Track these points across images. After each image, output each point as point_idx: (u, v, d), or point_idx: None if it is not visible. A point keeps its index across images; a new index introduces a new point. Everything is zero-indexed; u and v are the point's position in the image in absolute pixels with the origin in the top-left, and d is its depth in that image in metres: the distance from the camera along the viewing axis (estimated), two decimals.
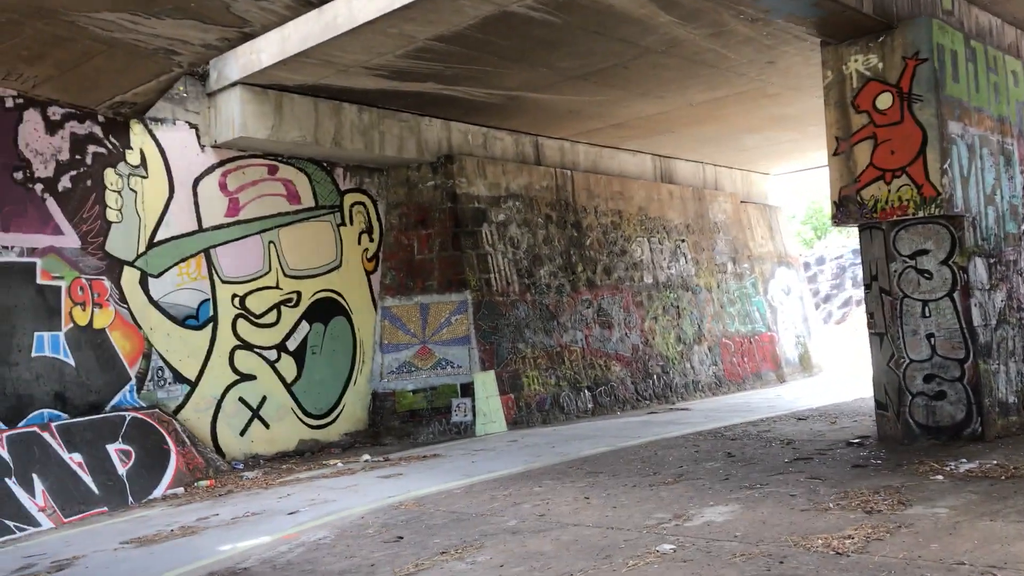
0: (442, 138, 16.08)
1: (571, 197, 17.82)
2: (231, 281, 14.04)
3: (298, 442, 14.50)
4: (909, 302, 10.56)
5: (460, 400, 15.24)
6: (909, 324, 10.55)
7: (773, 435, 12.42)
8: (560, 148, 18.17)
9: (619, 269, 18.49)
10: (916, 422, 10.52)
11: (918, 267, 10.53)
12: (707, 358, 19.67)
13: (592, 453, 12.07)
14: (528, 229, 16.86)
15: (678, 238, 20.04)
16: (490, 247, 16.09)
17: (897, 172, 10.47)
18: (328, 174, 15.37)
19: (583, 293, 17.57)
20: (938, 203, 10.21)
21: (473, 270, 15.68)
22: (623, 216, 18.83)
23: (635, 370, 18.05)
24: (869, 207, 10.64)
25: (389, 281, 15.81)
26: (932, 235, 10.50)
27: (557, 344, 16.75)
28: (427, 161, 15.91)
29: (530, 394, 15.94)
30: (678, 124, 17.59)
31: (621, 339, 18.02)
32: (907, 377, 10.56)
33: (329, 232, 15.32)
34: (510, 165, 16.81)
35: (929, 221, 10.49)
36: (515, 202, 16.73)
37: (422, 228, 15.86)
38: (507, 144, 17.12)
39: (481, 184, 16.21)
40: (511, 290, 16.22)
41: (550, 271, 17.04)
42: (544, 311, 16.73)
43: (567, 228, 17.61)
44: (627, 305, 18.38)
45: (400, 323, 15.64)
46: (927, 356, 10.48)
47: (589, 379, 17.09)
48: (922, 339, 10.50)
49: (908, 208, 10.39)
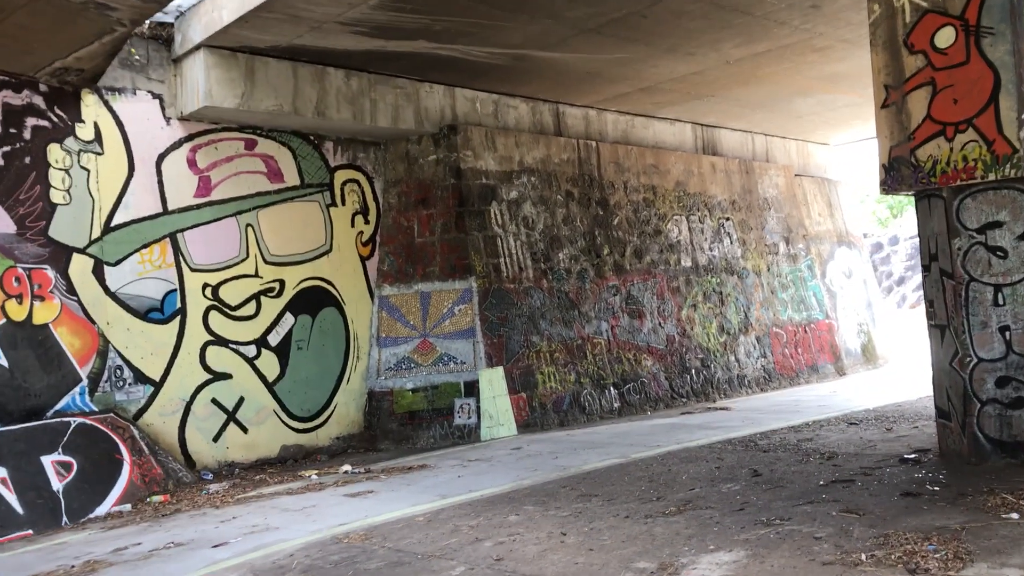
0: (445, 106, 14.32)
1: (596, 171, 15.92)
2: (202, 269, 12.52)
3: (280, 448, 12.94)
4: (977, 287, 8.49)
5: (463, 400, 13.52)
6: (977, 314, 8.48)
7: (814, 446, 10.46)
8: (584, 117, 16.27)
9: (652, 251, 16.54)
10: (986, 436, 8.47)
11: (989, 243, 8.45)
12: (755, 350, 17.61)
13: (597, 467, 10.28)
14: (545, 207, 15.02)
15: (722, 216, 17.98)
16: (500, 228, 14.30)
17: (961, 125, 8.40)
18: (316, 149, 13.74)
19: (609, 279, 15.68)
20: (1015, 162, 8.13)
21: (479, 254, 13.92)
22: (657, 192, 16.86)
23: (670, 364, 16.11)
24: (926, 170, 8.60)
25: (387, 267, 14.14)
26: (1007, 203, 8.41)
27: (578, 336, 14.91)
28: (428, 133, 14.18)
29: (545, 393, 14.14)
30: (716, 87, 15.55)
31: (654, 330, 16.09)
32: (974, 380, 8.50)
33: (317, 213, 13.70)
34: (525, 136, 14.98)
35: (1003, 186, 8.41)
36: (530, 177, 14.90)
37: (423, 208, 14.14)
38: (522, 113, 15.29)
39: (490, 158, 14.42)
40: (524, 276, 14.41)
41: (571, 254, 15.19)
42: (563, 299, 14.89)
43: (591, 206, 15.72)
44: (661, 291, 16.43)
45: (399, 314, 13.97)
46: (1001, 354, 8.42)
47: (616, 375, 15.22)
48: (994, 333, 8.44)
49: (976, 170, 8.32)
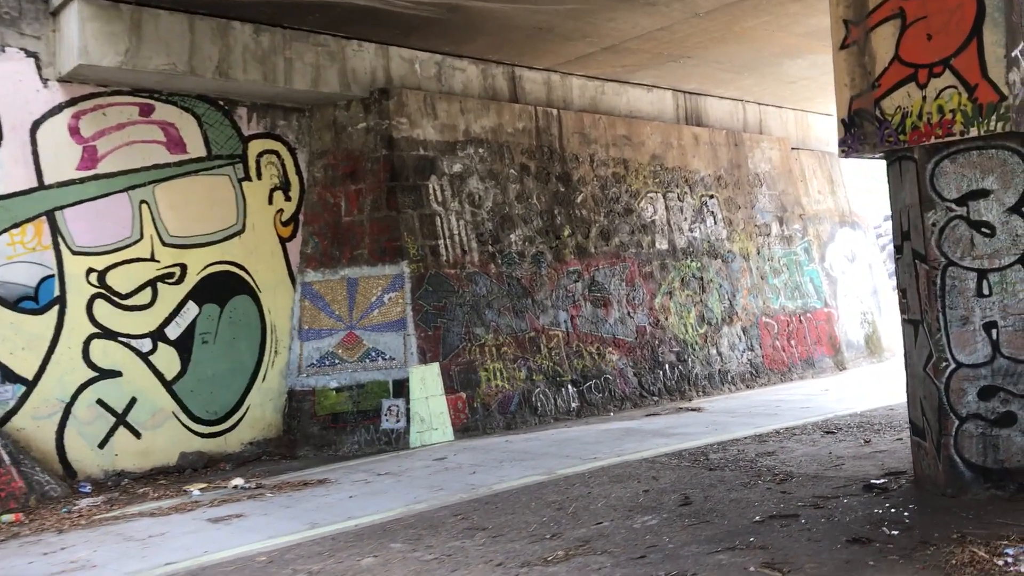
0: (377, 67, 12.65)
1: (558, 142, 14.19)
2: (86, 252, 10.99)
3: (179, 456, 11.40)
4: (957, 273, 6.72)
5: (392, 401, 11.91)
6: (956, 307, 6.71)
7: (772, 462, 8.75)
8: (546, 82, 14.54)
9: (622, 233, 14.79)
10: (966, 460, 6.71)
11: (971, 217, 6.68)
12: (740, 342, 15.82)
13: (511, 486, 8.65)
14: (495, 183, 13.33)
15: (705, 193, 16.18)
16: (439, 206, 12.63)
17: (936, 68, 6.63)
18: (226, 115, 12.13)
19: (570, 263, 13.97)
20: (1002, 113, 6.34)
21: (414, 235, 12.27)
22: (629, 166, 15.09)
23: (639, 359, 14.39)
24: (894, 125, 6.83)
25: (311, 250, 12.53)
26: (995, 167, 6.64)
27: (531, 328, 13.23)
28: (357, 97, 12.54)
29: (489, 392, 12.49)
30: (690, 46, 13.75)
31: (621, 320, 14.36)
32: (952, 390, 6.74)
33: (227, 188, 12.10)
34: (472, 102, 13.28)
35: (990, 144, 6.64)
36: (478, 149, 13.21)
37: (351, 183, 12.51)
38: (471, 76, 13.59)
39: (429, 126, 12.74)
40: (468, 260, 12.75)
41: (525, 236, 13.49)
42: (515, 286, 13.21)
43: (551, 182, 14.00)
44: (631, 277, 14.69)
45: (323, 303, 12.37)
46: (985, 357, 6.66)
47: (575, 371, 13.53)
48: (977, 331, 6.67)
49: (954, 124, 6.54)
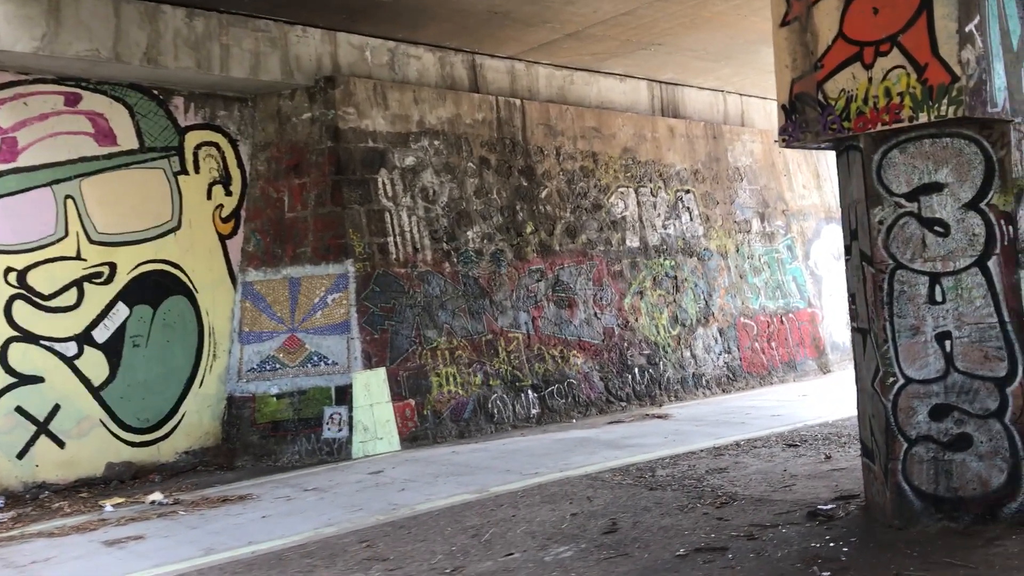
0: (323, 55, 11.94)
1: (521, 134, 13.46)
2: (4, 250, 10.38)
3: (105, 466, 10.73)
4: (906, 276, 5.98)
5: (334, 409, 11.22)
6: (906, 315, 5.97)
7: (720, 481, 8.03)
8: (509, 71, 13.80)
9: (589, 229, 14.05)
10: (915, 488, 5.97)
11: (923, 215, 5.93)
12: (716, 344, 15.06)
13: (435, 507, 7.96)
14: (452, 177, 12.61)
15: (680, 188, 15.41)
16: (389, 201, 11.92)
17: (883, 45, 5.88)
18: (161, 105, 11.45)
19: (533, 261, 13.25)
20: (954, 96, 5.59)
21: (360, 232, 11.57)
22: (599, 160, 14.35)
23: (607, 362, 13.65)
24: (838, 111, 6.07)
25: (253, 248, 11.84)
26: (950, 157, 5.89)
27: (489, 330, 12.51)
28: (302, 86, 11.84)
29: (441, 399, 11.79)
30: (659, 32, 13.00)
31: (588, 321, 13.63)
32: (900, 409, 5.99)
33: (161, 183, 11.43)
34: (427, 92, 12.56)
35: (944, 132, 5.89)
36: (433, 141, 12.49)
37: (295, 176, 11.81)
38: (427, 64, 12.86)
39: (379, 116, 12.03)
40: (420, 259, 12.04)
41: (483, 233, 12.77)
42: (471, 286, 12.50)
43: (512, 176, 13.27)
44: (599, 276, 13.95)
45: (265, 304, 11.68)
46: (938, 372, 5.91)
47: (535, 376, 12.81)
48: (929, 342, 5.92)
49: (902, 109, 5.79)
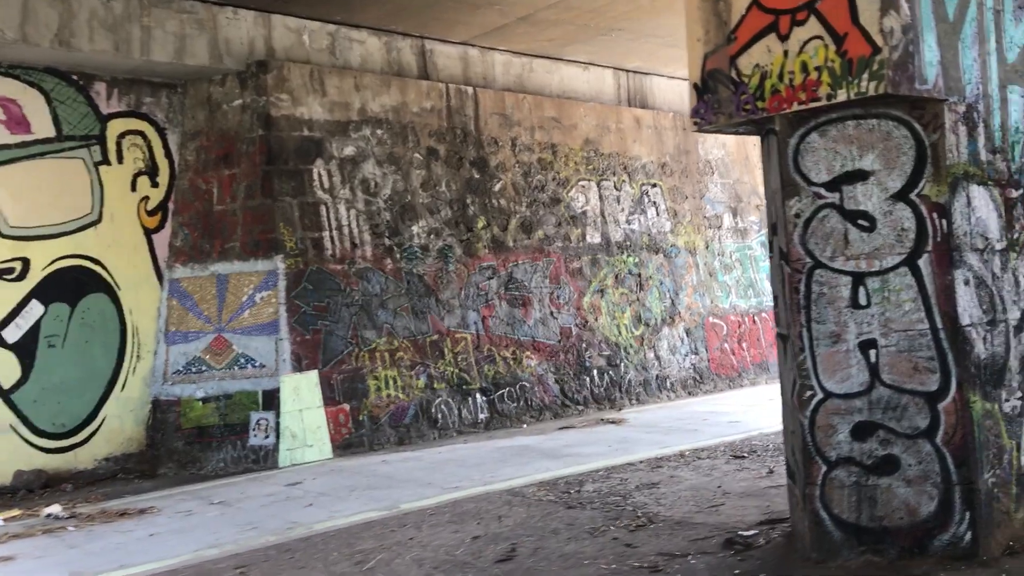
0: (256, 38, 11.26)
1: (473, 124, 12.75)
2: None
3: (14, 474, 10.08)
4: (826, 276, 5.26)
5: (261, 415, 10.55)
6: (825, 320, 5.25)
7: (646, 499, 7.35)
8: (462, 57, 13.09)
9: (547, 224, 13.34)
10: (835, 517, 5.26)
11: (846, 206, 5.22)
12: (682, 345, 14.34)
13: (331, 527, 7.31)
14: (396, 168, 11.92)
15: (646, 181, 14.68)
16: (326, 193, 11.24)
17: (800, 14, 5.17)
18: (80, 91, 10.78)
19: (484, 258, 12.55)
20: (875, 70, 4.87)
21: (292, 226, 10.89)
22: (558, 152, 13.63)
23: (563, 364, 12.95)
24: (752, 89, 5.35)
25: (180, 242, 11.18)
26: (877, 141, 5.18)
27: (434, 330, 11.82)
28: (232, 71, 11.15)
29: (380, 403, 11.11)
30: (617, 16, 12.30)
31: (543, 321, 12.93)
32: (818, 427, 5.28)
33: (80, 173, 10.76)
34: (370, 78, 11.87)
35: (870, 113, 5.18)
36: (376, 130, 11.79)
37: (224, 167, 11.14)
38: (371, 49, 12.17)
39: (316, 104, 11.33)
40: (359, 254, 11.35)
41: (430, 228, 12.08)
42: (416, 284, 11.80)
43: (463, 167, 12.56)
44: (556, 274, 13.24)
45: (191, 302, 11.01)
46: (862, 386, 5.20)
47: (485, 379, 12.12)
48: (851, 351, 5.21)
49: (820, 86, 5.07)
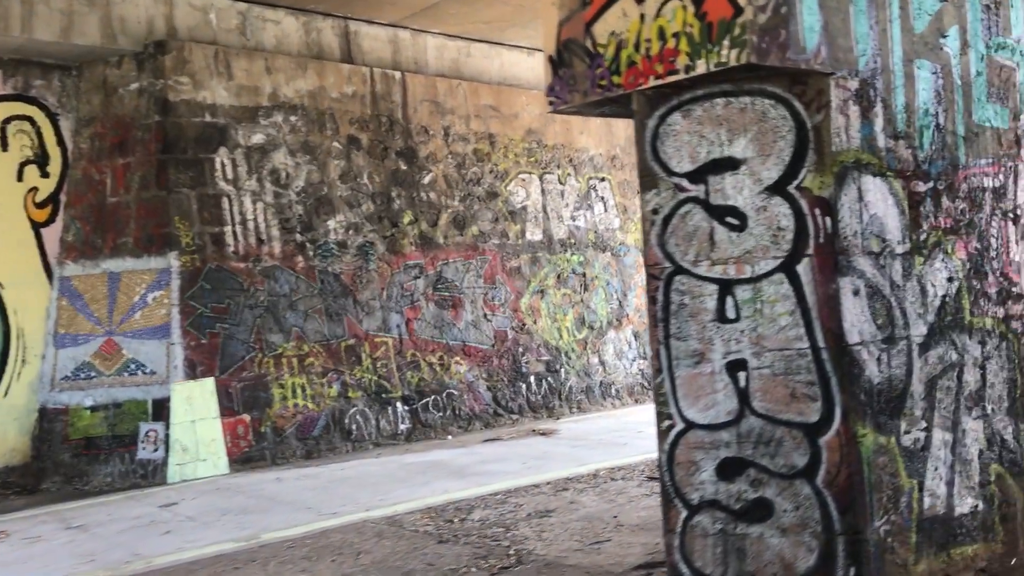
0: (156, 16, 10.39)
1: (401, 112, 11.89)
2: None
3: None
4: (688, 284, 4.41)
5: (151, 426, 9.71)
6: (687, 335, 4.41)
7: (529, 532, 6.53)
8: (392, 40, 12.22)
9: (482, 220, 12.48)
10: (697, 571, 4.40)
11: (712, 201, 4.37)
12: (630, 349, 13.48)
13: (169, 563, 6.51)
14: (311, 158, 11.06)
15: (594, 175, 13.80)
16: (229, 184, 10.38)
17: None
18: None
19: (410, 256, 11.69)
20: (736, 36, 4.02)
21: (189, 220, 10.04)
22: (496, 143, 12.76)
23: (497, 369, 12.10)
24: (607, 61, 4.49)
25: (72, 238, 10.34)
26: (749, 123, 4.33)
27: (350, 334, 10.97)
28: (129, 52, 10.29)
29: (285, 414, 10.26)
30: None
31: (476, 323, 12.07)
32: (678, 464, 4.44)
33: None
34: (284, 61, 11.01)
35: (741, 89, 4.33)
36: (289, 116, 10.93)
37: (119, 156, 10.29)
38: (288, 30, 11.30)
39: (221, 88, 10.47)
40: (266, 251, 10.49)
41: (349, 223, 11.22)
42: (331, 284, 10.95)
43: (389, 158, 11.70)
44: (492, 273, 12.38)
45: (82, 302, 10.17)
46: (729, 415, 4.36)
47: (407, 386, 11.27)
48: (717, 374, 4.35)
49: (678, 56, 4.20)
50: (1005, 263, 5.16)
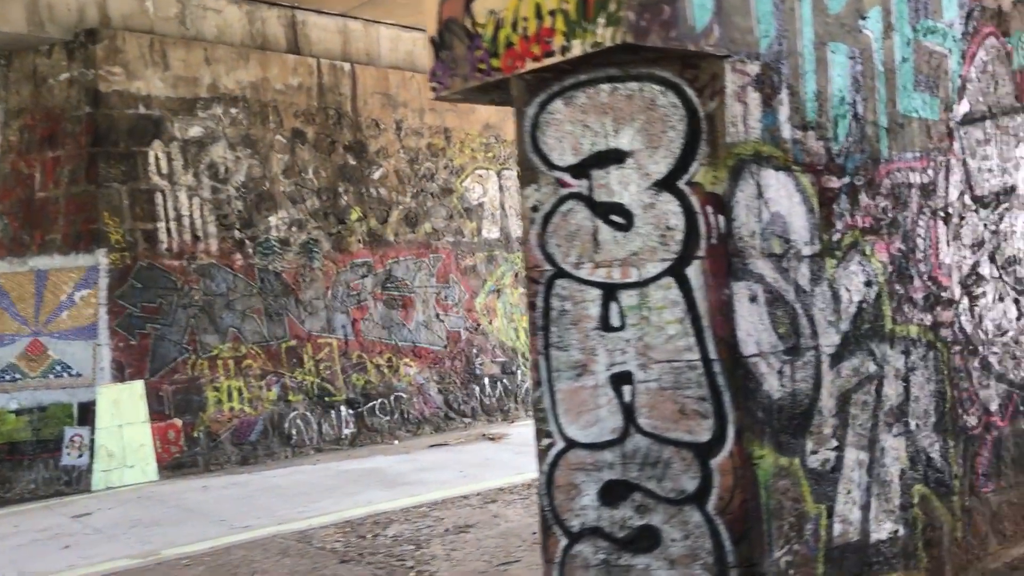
0: (88, 3, 9.98)
1: (350, 105, 11.47)
2: None
3: None
4: (569, 289, 4.01)
5: (76, 430, 9.31)
6: (567, 346, 4.01)
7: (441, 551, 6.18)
8: (342, 31, 11.80)
9: (436, 217, 12.06)
10: None
11: (595, 197, 3.97)
12: None
13: None
14: (253, 152, 10.64)
15: None
16: (163, 179, 9.97)
17: None
18: None
19: (358, 254, 11.28)
20: (612, 12, 3.62)
21: (120, 216, 9.63)
22: (452, 137, 12.35)
23: (449, 372, 11.69)
24: (486, 42, 4.07)
25: (0, 234, 9.90)
26: (636, 111, 3.93)
27: (292, 335, 10.56)
28: (59, 40, 9.86)
29: (220, 418, 9.86)
30: None
31: (427, 324, 11.66)
32: (558, 486, 4.03)
33: None
34: (224, 51, 10.58)
35: (629, 75, 3.92)
36: (230, 108, 10.52)
37: (49, 149, 9.87)
38: (230, 19, 10.88)
39: (156, 78, 10.06)
40: (202, 249, 10.08)
41: (292, 219, 10.81)
42: (271, 282, 10.54)
43: (336, 152, 11.29)
44: (445, 272, 11.97)
45: (8, 301, 9.77)
46: (614, 432, 3.96)
47: (352, 389, 10.86)
48: (600, 388, 3.96)
49: (554, 36, 3.78)
50: (934, 266, 4.75)
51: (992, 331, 5.12)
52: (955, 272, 4.89)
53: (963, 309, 4.93)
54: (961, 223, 4.97)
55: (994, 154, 5.20)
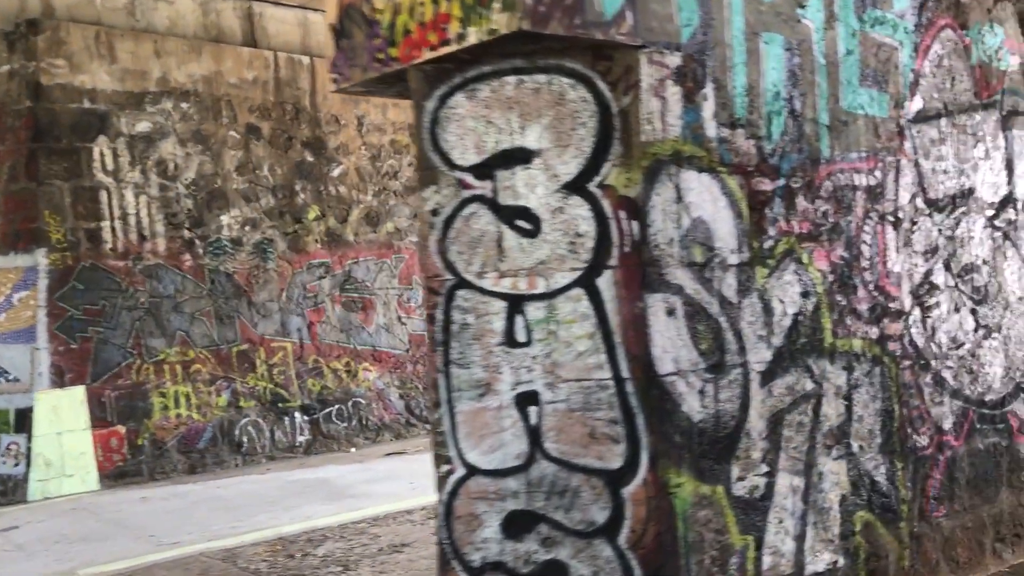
0: None
1: (308, 99, 11.10)
2: None
3: None
4: (472, 300, 3.67)
5: (12, 438, 8.94)
6: (469, 363, 3.66)
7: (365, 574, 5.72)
8: (302, 23, 11.44)
9: (399, 217, 11.71)
10: None
11: (500, 200, 3.60)
12: None
13: None
14: (204, 148, 10.27)
15: None
16: (108, 176, 9.60)
17: None
18: None
19: (315, 254, 10.92)
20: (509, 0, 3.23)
21: (62, 215, 9.26)
22: None
23: (411, 376, 11.35)
24: (384, 31, 3.71)
25: None
26: (544, 106, 3.57)
27: (243, 338, 10.20)
28: (0, 31, 9.49)
29: (166, 425, 9.49)
30: None
31: (387, 327, 11.31)
32: (457, 517, 3.67)
33: None
34: (175, 43, 10.21)
35: (536, 66, 3.54)
36: (180, 103, 10.14)
37: None
38: (183, 10, 10.50)
39: (103, 71, 9.68)
40: (148, 248, 9.71)
41: (245, 218, 10.44)
42: (222, 284, 10.18)
43: (293, 149, 10.92)
44: (408, 273, 11.62)
45: None
46: (518, 458, 3.61)
47: (308, 395, 10.50)
48: (504, 409, 3.60)
49: (451, 22, 3.41)
50: (881, 274, 4.41)
51: (946, 344, 4.78)
52: (905, 281, 4.55)
53: (914, 321, 4.59)
54: (913, 228, 4.63)
55: (950, 154, 4.86)
